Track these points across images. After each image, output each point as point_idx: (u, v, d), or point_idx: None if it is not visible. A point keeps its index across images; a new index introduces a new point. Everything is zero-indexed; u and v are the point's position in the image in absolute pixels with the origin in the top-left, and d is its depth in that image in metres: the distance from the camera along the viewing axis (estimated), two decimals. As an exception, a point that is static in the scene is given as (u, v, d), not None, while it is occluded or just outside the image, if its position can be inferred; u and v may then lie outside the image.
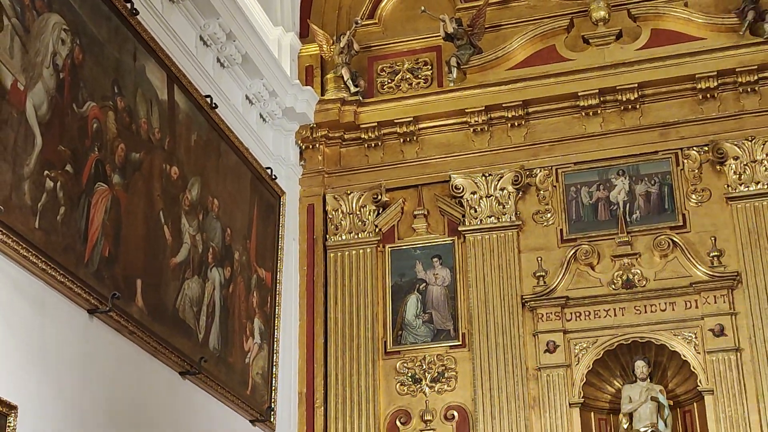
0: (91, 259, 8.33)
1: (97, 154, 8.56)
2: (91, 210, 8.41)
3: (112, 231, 8.71)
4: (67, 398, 8.00)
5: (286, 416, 11.69)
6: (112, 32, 9.03)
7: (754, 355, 10.95)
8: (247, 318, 11.23)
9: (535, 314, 11.67)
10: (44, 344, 7.77)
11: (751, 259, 11.27)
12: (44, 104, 7.82)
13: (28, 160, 7.53)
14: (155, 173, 9.62)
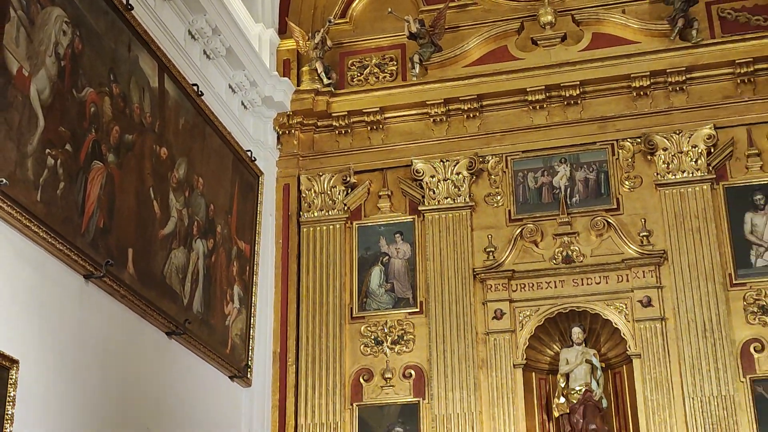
0: (87, 230, 8.30)
1: (93, 135, 8.53)
2: (88, 185, 8.39)
3: (107, 204, 8.68)
4: (65, 354, 7.98)
5: (261, 373, 11.69)
6: (109, 25, 8.99)
7: (677, 324, 11.06)
8: (227, 285, 11.21)
9: (485, 285, 11.71)
10: (44, 306, 7.75)
11: (677, 240, 11.36)
12: (47, 89, 7.79)
13: (31, 139, 7.50)
14: (146, 153, 9.59)
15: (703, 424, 10.62)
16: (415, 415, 11.45)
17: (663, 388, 10.87)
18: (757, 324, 10.96)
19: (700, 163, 11.58)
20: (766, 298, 10.99)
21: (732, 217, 11.41)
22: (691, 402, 10.74)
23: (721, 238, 11.31)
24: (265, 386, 11.71)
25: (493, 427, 11.12)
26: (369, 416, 11.56)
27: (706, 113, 11.78)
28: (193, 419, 10.19)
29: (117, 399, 8.78)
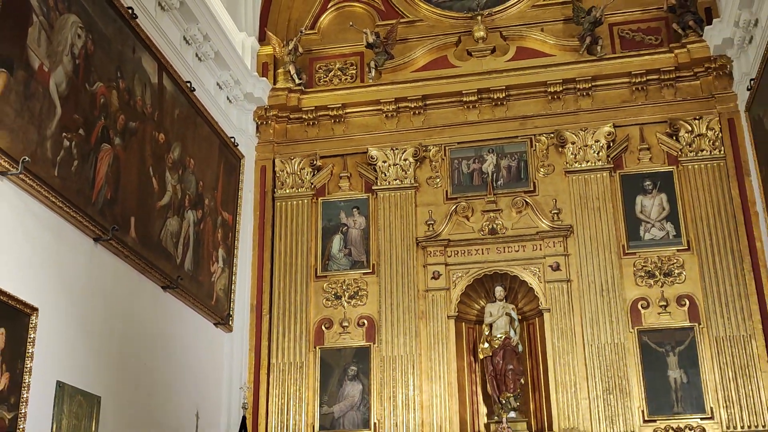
0: (96, 200, 8.28)
1: (103, 121, 8.50)
2: (98, 164, 8.37)
3: (113, 180, 8.65)
4: (76, 303, 7.97)
5: (241, 321, 11.72)
6: (117, 31, 8.94)
7: (580, 285, 11.23)
8: (213, 248, 11.20)
9: (426, 251, 11.79)
10: (60, 263, 7.73)
11: (581, 216, 11.51)
12: (63, 83, 7.76)
13: (50, 124, 7.47)
14: (147, 138, 9.55)
15: (599, 366, 10.81)
16: (367, 356, 11.52)
17: (567, 336, 11.04)
18: (644, 286, 11.16)
19: (601, 155, 11.73)
20: (651, 265, 11.20)
21: (626, 199, 11.58)
22: (590, 348, 10.92)
23: (616, 216, 11.48)
24: (244, 332, 11.73)
25: (430, 367, 11.23)
26: (329, 357, 11.62)
27: (607, 114, 11.92)
28: (183, 358, 10.20)
29: (120, 341, 8.78)
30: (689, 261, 11.13)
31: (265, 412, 11.38)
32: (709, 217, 11.17)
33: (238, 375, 11.46)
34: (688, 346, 10.75)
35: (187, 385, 10.21)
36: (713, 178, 11.35)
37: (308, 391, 11.43)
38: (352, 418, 11.30)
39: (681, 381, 10.65)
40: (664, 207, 11.46)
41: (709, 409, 10.47)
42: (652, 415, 10.58)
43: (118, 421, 8.54)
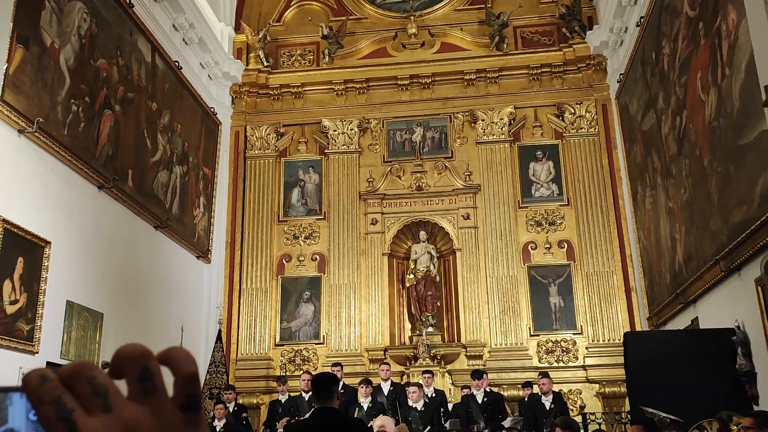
0: (100, 156, 8.10)
1: (105, 92, 8.29)
2: (101, 126, 8.17)
3: (114, 140, 8.46)
4: (83, 238, 7.84)
5: (218, 254, 11.66)
6: (116, 17, 8.67)
7: (484, 231, 11.41)
8: (196, 196, 11.07)
9: (366, 203, 11.83)
10: (69, 205, 7.58)
11: (487, 178, 11.63)
12: (72, 58, 7.52)
13: (60, 92, 7.25)
14: (142, 106, 9.33)
15: (497, 293, 11.07)
16: (318, 284, 11.60)
17: (474, 270, 11.26)
18: (533, 232, 11.40)
19: (504, 130, 11.86)
20: (539, 216, 11.43)
21: (522, 165, 11.75)
22: (491, 279, 11.16)
23: (514, 178, 11.65)
24: (220, 263, 11.68)
25: (368, 293, 11.36)
26: (288, 284, 11.66)
27: (510, 98, 12.01)
28: (171, 285, 10.14)
29: (119, 269, 8.69)
30: (568, 214, 11.40)
31: (237, 326, 11.41)
32: (584, 180, 11.42)
33: (215, 297, 11.43)
34: (565, 278, 11.06)
35: (174, 305, 10.17)
36: (589, 150, 11.59)
37: (271, 310, 11.47)
38: (306, 332, 11.40)
39: (559, 305, 10.97)
40: (550, 172, 11.67)
41: (580, 326, 10.83)
42: (536, 331, 10.91)
43: (118, 332, 8.48)
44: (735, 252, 6.63)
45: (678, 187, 8.41)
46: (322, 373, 4.37)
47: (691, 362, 6.76)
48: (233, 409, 9.00)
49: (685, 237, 8.24)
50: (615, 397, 10.21)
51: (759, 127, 5.86)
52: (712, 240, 7.27)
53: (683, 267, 8.37)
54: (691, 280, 8.02)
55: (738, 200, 6.53)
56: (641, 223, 10.32)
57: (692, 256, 8.01)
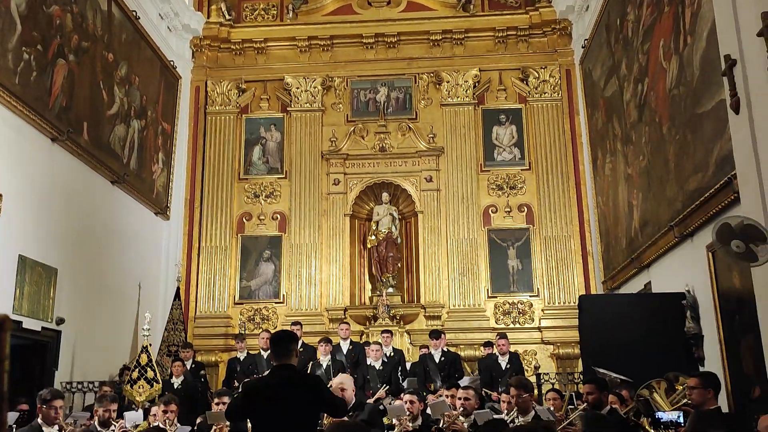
0: (53, 106, 7.86)
1: (59, 40, 8.00)
2: (54, 76, 7.92)
3: (68, 90, 8.20)
4: (36, 192, 7.66)
5: (177, 211, 11.52)
6: (71, -39, 8.27)
7: (446, 193, 11.46)
8: (154, 152, 10.85)
9: (329, 162, 11.76)
10: (22, 158, 7.38)
11: (451, 140, 11.63)
12: (23, 4, 7.25)
13: (11, 39, 6.98)
14: (98, 56, 9.04)
15: (457, 256, 11.18)
16: (279, 243, 11.55)
17: (435, 232, 11.33)
18: (494, 196, 11.50)
19: (469, 92, 11.84)
20: (500, 180, 11.52)
21: (485, 128, 11.78)
22: (451, 242, 11.26)
23: (477, 141, 11.69)
24: (179, 220, 11.54)
25: (329, 253, 11.37)
26: (248, 243, 11.59)
27: (475, 61, 11.97)
28: (129, 240, 9.99)
29: (75, 224, 8.50)
30: (529, 178, 11.51)
31: (195, 284, 11.33)
32: (546, 145, 11.52)
33: (173, 255, 11.31)
34: (524, 242, 11.22)
35: (132, 262, 10.03)
36: (552, 115, 11.66)
37: (231, 269, 11.41)
38: (266, 291, 11.39)
39: (517, 268, 11.14)
40: (513, 136, 11.73)
41: (537, 289, 11.04)
42: (494, 293, 11.09)
43: (73, 288, 8.35)
44: (689, 218, 6.79)
45: (637, 154, 8.54)
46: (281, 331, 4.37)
47: (643, 325, 6.96)
48: (191, 366, 8.99)
49: (642, 203, 8.40)
50: (568, 358, 10.47)
51: (717, 96, 5.95)
52: (668, 206, 7.43)
53: (639, 232, 8.55)
54: (645, 246, 8.21)
55: (694, 168, 6.66)
56: (600, 189, 10.48)
57: (648, 222, 8.19)
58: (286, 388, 3.66)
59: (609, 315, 7.29)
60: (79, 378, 8.42)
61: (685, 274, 7.10)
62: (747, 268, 4.80)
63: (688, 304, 6.86)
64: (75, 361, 8.41)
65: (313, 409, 3.73)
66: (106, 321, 9.17)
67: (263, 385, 3.82)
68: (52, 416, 4.89)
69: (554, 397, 6.30)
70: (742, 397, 5.78)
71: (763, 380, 4.87)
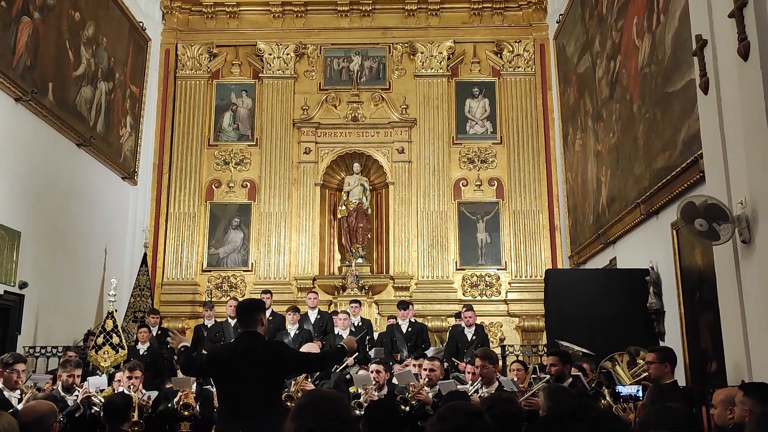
0: (17, 65, 7.63)
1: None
2: (18, 33, 7.67)
3: (33, 49, 7.96)
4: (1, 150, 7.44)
5: (144, 177, 11.35)
6: None
7: (418, 165, 11.47)
8: (122, 115, 10.63)
9: (300, 131, 11.65)
10: (-17, 117, 7.14)
11: (423, 112, 11.62)
12: (-15, -44, 6.90)
13: (-28, -7, 6.68)
14: (64, 15, 8.77)
15: (427, 228, 11.23)
16: (248, 211, 11.47)
17: (405, 204, 11.35)
18: (465, 169, 11.53)
19: (443, 64, 11.78)
20: (472, 153, 11.54)
21: (458, 101, 11.76)
22: (422, 214, 11.30)
23: (450, 114, 11.67)
24: (147, 186, 11.38)
25: (299, 222, 11.33)
26: (217, 210, 11.49)
27: (450, 32, 11.91)
28: (95, 205, 9.82)
29: (39, 187, 8.32)
30: (500, 152, 11.55)
31: (163, 251, 11.22)
32: (518, 119, 11.55)
33: (141, 220, 11.18)
34: (494, 216, 11.30)
35: (97, 227, 9.88)
36: (525, 89, 11.67)
37: (199, 236, 11.31)
38: (235, 259, 11.33)
39: (486, 241, 11.23)
40: (486, 109, 11.73)
41: (504, 262, 11.15)
42: (463, 265, 11.18)
43: (36, 252, 8.21)
44: (655, 196, 6.89)
45: (607, 131, 8.60)
46: (248, 300, 4.36)
47: (607, 300, 7.09)
48: (157, 333, 8.94)
49: (610, 180, 8.49)
50: (533, 331, 10.65)
51: (687, 76, 6.00)
52: (635, 184, 7.53)
53: (606, 209, 8.66)
54: (612, 222, 8.32)
55: (662, 146, 6.74)
56: (570, 165, 10.56)
57: (615, 199, 8.29)
58: (251, 355, 3.65)
59: (574, 289, 7.40)
60: (43, 343, 8.32)
61: (650, 251, 7.22)
62: (709, 247, 4.90)
63: (652, 280, 6.99)
64: (38, 326, 8.30)
65: (278, 375, 3.74)
66: (70, 286, 9.05)
67: (228, 351, 3.81)
68: (14, 380, 4.84)
69: (518, 368, 6.40)
70: (699, 372, 5.94)
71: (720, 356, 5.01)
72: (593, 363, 5.99)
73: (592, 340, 6.52)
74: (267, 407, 3.54)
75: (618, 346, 5.94)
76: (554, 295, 7.54)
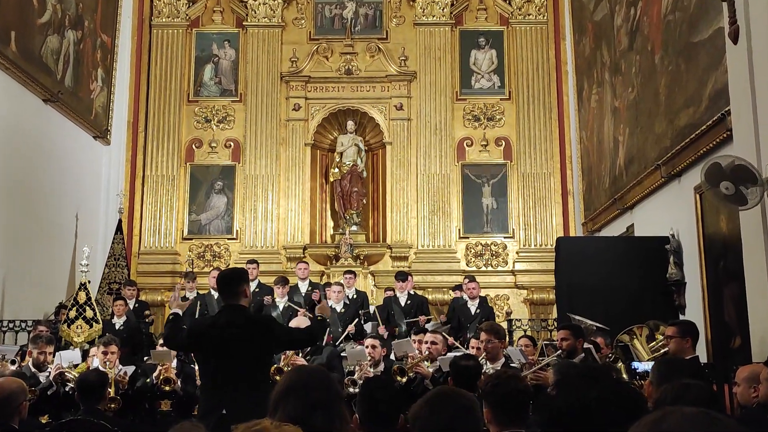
0: (-26, 12, 7.48)
1: (-21, -66, 7.53)
2: (-25, -25, 7.49)
3: (-8, -7, 7.80)
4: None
5: (118, 136, 11.27)
6: None
7: (418, 124, 11.42)
8: (93, 67, 10.52)
9: (288, 85, 11.57)
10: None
11: (424, 64, 11.53)
12: None
13: None
14: (25, -45, 8.58)
15: (428, 192, 11.24)
16: (232, 174, 11.45)
17: (404, 166, 11.33)
18: (470, 127, 11.48)
19: (445, 11, 11.66)
20: (477, 110, 11.49)
21: (462, 52, 11.67)
22: (422, 177, 11.29)
23: (453, 66, 11.58)
24: (121, 145, 11.32)
25: (287, 186, 11.32)
26: (198, 172, 11.46)
27: (454, -25, 11.75)
28: (64, 166, 9.78)
29: (3, 150, 8.27)
30: (509, 108, 11.49)
31: (139, 216, 11.23)
32: (529, 72, 11.47)
33: (114, 184, 11.14)
34: (501, 179, 11.29)
35: (68, 191, 9.85)
36: (536, 39, 11.57)
37: (179, 201, 11.29)
38: (218, 226, 11.33)
39: (492, 207, 11.25)
40: (493, 61, 11.64)
41: (512, 230, 11.18)
42: (466, 233, 11.21)
43: (1, 219, 8.18)
44: (677, 157, 6.87)
45: (626, 85, 8.55)
46: (230, 270, 4.37)
47: (623, 270, 7.12)
48: (134, 306, 8.99)
49: (629, 139, 8.47)
50: (543, 304, 10.73)
51: (715, 23, 5.94)
52: (656, 143, 7.50)
53: (623, 171, 8.65)
54: (630, 186, 8.31)
55: (686, 102, 6.70)
56: (584, 123, 10.52)
57: (633, 160, 8.27)
58: (234, 329, 3.67)
59: (588, 259, 7.43)
60: (11, 316, 8.35)
61: (671, 216, 7.23)
62: (735, 212, 4.90)
63: (672, 248, 7.01)
64: (6, 299, 8.32)
65: (264, 351, 3.76)
66: (40, 255, 9.05)
67: (209, 325, 3.82)
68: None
69: (526, 344, 6.44)
70: (722, 347, 5.99)
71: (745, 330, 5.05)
72: (608, 338, 6.04)
73: (607, 314, 6.56)
74: (253, 383, 3.57)
75: (634, 321, 5.99)
76: (566, 265, 7.57)
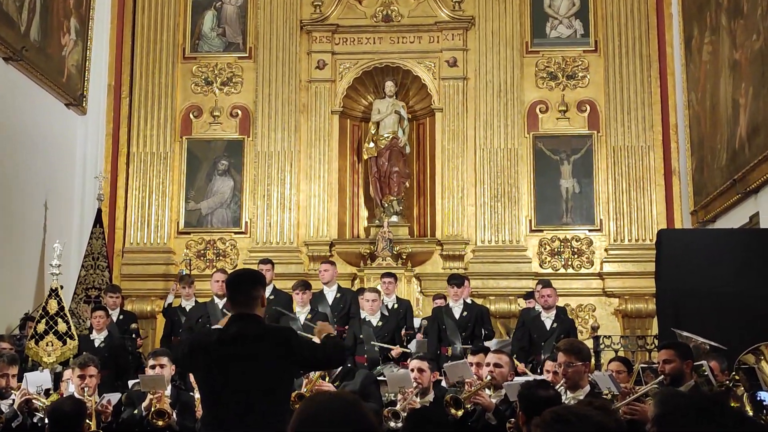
0: None
1: None
2: None
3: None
4: None
5: (96, 103, 11.43)
6: None
7: (477, 84, 11.38)
8: (64, 17, 10.67)
9: (311, 36, 11.61)
10: None
11: (484, 8, 11.49)
12: None
13: None
14: None
15: (489, 172, 11.19)
16: (240, 150, 11.55)
17: (459, 138, 11.30)
18: (544, 88, 11.42)
19: (513, -64, 11.57)
20: (554, 66, 11.42)
21: (535, -8, 11.60)
22: (481, 152, 11.26)
23: (522, 9, 11.51)
24: (100, 115, 11.48)
25: (309, 165, 11.37)
26: (197, 149, 11.58)
27: None
28: (31, 141, 9.94)
29: (-47, 117, 8.43)
30: (595, 64, 11.40)
31: (124, 204, 11.39)
32: (620, 16, 11.34)
33: (93, 163, 11.30)
34: (584, 154, 11.21)
35: (34, 173, 10.01)
36: (631, -28, 11.44)
37: (173, 185, 11.43)
38: (222, 216, 11.45)
39: (573, 191, 11.19)
40: (574, 2, 11.53)
41: (599, 221, 11.09)
42: (539, 224, 11.16)
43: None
44: (818, 125, 6.74)
45: (749, 31, 8.41)
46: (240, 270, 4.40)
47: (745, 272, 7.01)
48: (118, 317, 9.10)
49: (752, 102, 8.34)
50: (639, 317, 10.67)
51: None
52: (789, 107, 7.37)
53: (745, 143, 8.52)
54: (754, 163, 8.20)
55: (830, 52, 6.56)
56: (694, 82, 10.39)
57: (759, 129, 8.14)
58: (246, 345, 3.69)
59: (699, 258, 7.35)
60: (-35, 330, 8.53)
61: (808, 202, 7.11)
62: None
63: (810, 243, 6.89)
64: (-42, 308, 8.51)
65: (283, 371, 3.78)
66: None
67: (214, 340, 3.85)
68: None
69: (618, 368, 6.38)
70: None
71: None
72: (725, 361, 5.95)
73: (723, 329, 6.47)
74: (268, 415, 3.59)
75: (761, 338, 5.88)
76: (670, 266, 7.50)
